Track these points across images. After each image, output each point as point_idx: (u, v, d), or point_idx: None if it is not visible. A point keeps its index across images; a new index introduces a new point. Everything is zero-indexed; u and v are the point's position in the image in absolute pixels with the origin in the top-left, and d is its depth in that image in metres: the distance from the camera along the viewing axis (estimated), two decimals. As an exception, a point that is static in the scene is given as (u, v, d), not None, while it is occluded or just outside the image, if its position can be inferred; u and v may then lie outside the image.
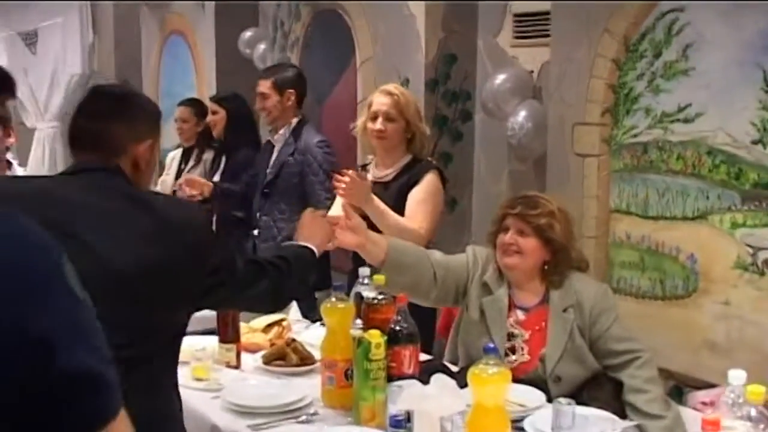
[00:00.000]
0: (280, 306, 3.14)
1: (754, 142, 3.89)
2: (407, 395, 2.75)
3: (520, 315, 3.42)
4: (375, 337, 2.88)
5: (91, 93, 2.61)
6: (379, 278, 3.26)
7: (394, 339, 3.00)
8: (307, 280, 3.05)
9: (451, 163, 5.68)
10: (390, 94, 4.31)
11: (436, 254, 3.59)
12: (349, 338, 2.99)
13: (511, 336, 3.39)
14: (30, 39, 8.52)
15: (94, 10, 8.85)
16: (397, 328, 3.04)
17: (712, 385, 3.99)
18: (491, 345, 2.55)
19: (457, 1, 5.72)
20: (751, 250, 3.93)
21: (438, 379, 2.83)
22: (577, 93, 4.67)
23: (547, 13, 5.01)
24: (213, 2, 7.91)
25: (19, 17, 8.64)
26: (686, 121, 4.17)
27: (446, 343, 3.72)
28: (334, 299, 3.15)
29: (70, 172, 2.50)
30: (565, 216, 3.43)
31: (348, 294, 3.30)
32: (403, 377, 2.96)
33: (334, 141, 5.30)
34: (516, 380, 2.89)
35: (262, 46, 7.56)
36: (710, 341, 4.14)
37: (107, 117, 2.50)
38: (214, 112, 6.18)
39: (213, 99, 6.37)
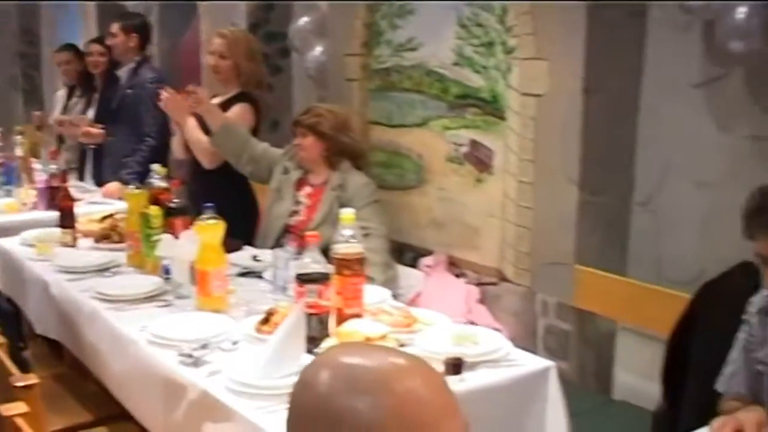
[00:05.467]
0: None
1: (454, 64, 5.10)
2: (167, 246, 3.92)
3: (308, 189, 4.73)
4: (155, 211, 4.07)
5: None
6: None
7: (169, 213, 4.17)
8: None
9: (272, 93, 6.80)
10: (222, 35, 5.38)
11: (263, 143, 5.03)
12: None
13: (297, 203, 4.70)
14: None
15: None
16: (172, 205, 4.23)
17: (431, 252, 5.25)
18: (208, 204, 3.67)
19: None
20: (455, 147, 5.16)
21: (188, 234, 3.91)
22: (345, 31, 5.86)
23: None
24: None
25: None
26: (413, 49, 5.38)
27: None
28: (132, 186, 4.36)
29: None
30: (334, 115, 4.71)
31: (142, 184, 4.48)
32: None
33: (189, 77, 6.41)
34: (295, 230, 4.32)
35: None
36: (433, 219, 5.37)
37: None
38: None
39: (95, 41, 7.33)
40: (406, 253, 5.40)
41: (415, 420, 1.21)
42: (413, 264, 5.25)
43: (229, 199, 4.67)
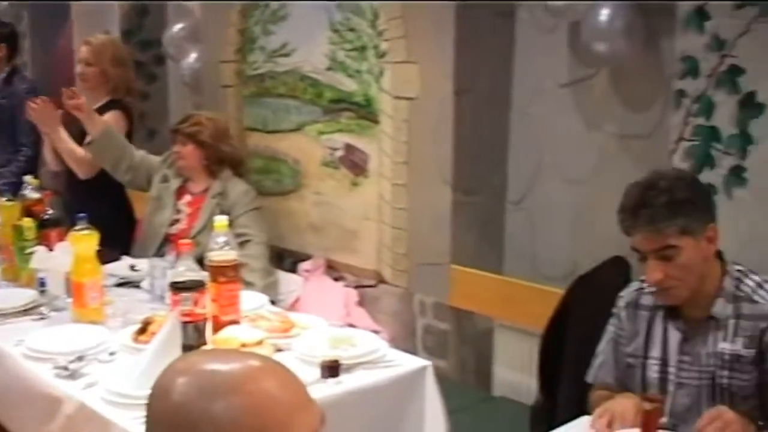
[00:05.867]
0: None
1: (328, 69, 5.14)
2: (41, 259, 3.88)
3: (188, 198, 4.73)
4: (28, 223, 4.03)
5: None
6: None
7: (42, 224, 4.12)
8: None
9: (148, 101, 6.75)
10: (87, 42, 5.33)
11: (140, 151, 4.95)
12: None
13: (178, 211, 4.69)
14: None
15: None
16: (46, 216, 4.18)
17: (310, 256, 5.28)
18: (81, 215, 3.64)
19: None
20: (330, 151, 5.19)
21: (62, 246, 3.89)
22: (219, 38, 5.85)
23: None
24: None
25: None
26: (286, 55, 5.40)
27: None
28: (5, 198, 4.30)
29: None
30: (214, 123, 4.72)
31: (15, 195, 4.42)
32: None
33: (63, 85, 6.30)
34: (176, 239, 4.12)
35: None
36: (311, 223, 5.40)
37: None
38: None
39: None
40: (285, 259, 5.41)
41: (270, 417, 1.23)
42: (293, 269, 5.26)
43: (105, 209, 4.66)
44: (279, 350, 3.11)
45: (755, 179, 3.52)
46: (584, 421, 2.76)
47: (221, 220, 3.27)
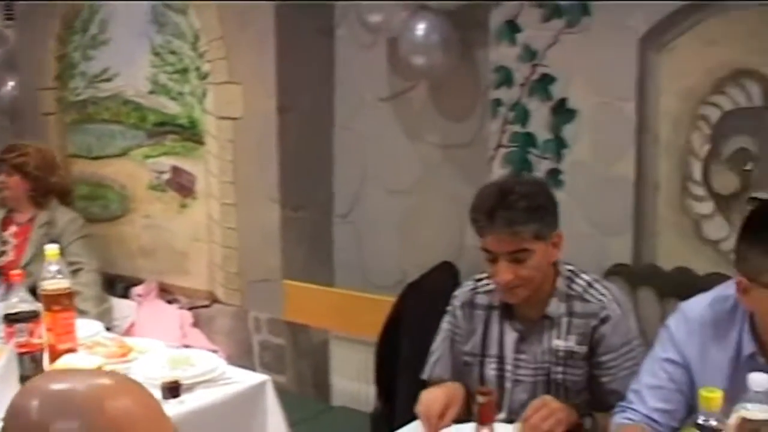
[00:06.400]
0: None
1: (150, 92, 5.14)
2: None
3: (14, 228, 4.68)
4: None
5: None
6: None
7: None
8: None
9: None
10: None
11: None
12: None
13: (5, 242, 4.63)
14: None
15: None
16: None
17: (143, 280, 5.25)
18: None
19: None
20: (157, 174, 5.19)
21: None
22: (37, 64, 5.78)
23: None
24: None
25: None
26: (108, 80, 5.37)
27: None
28: None
29: None
30: (42, 154, 4.66)
31: None
32: None
33: None
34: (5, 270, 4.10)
35: None
36: (141, 247, 5.39)
37: None
38: None
39: None
40: (117, 284, 5.36)
41: None
42: (125, 294, 5.23)
43: None
44: (118, 375, 3.10)
45: (570, 181, 3.69)
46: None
47: (52, 249, 3.25)
